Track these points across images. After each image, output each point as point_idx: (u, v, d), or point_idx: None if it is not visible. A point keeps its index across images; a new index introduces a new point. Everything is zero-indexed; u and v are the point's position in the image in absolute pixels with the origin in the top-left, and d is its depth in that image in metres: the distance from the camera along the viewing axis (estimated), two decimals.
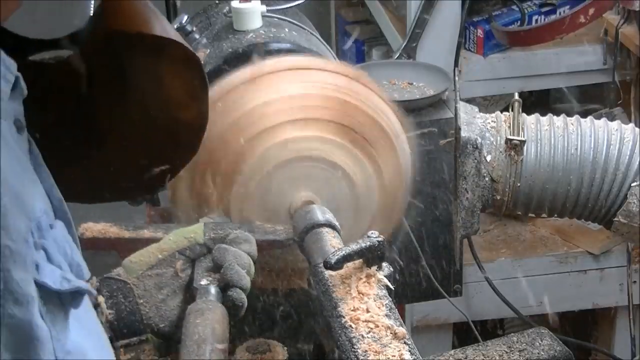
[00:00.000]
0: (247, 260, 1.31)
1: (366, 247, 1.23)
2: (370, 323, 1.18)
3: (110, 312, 1.30)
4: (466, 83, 2.57)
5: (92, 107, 1.03)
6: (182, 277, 1.32)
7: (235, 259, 1.29)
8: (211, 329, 1.19)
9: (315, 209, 1.41)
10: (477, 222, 1.89)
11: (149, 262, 1.33)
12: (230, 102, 1.45)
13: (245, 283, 1.28)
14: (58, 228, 0.84)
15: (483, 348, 1.58)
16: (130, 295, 1.31)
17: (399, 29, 2.73)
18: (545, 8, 2.72)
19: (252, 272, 1.32)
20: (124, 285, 1.31)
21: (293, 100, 1.45)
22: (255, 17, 1.75)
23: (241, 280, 1.27)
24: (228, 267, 1.28)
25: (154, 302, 1.31)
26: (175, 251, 1.34)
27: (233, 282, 1.27)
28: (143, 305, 1.30)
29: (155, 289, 1.32)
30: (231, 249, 1.31)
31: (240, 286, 1.27)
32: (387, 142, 1.50)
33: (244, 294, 1.28)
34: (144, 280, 1.32)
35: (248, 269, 1.30)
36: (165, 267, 1.33)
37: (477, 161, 1.82)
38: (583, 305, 2.66)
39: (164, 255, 1.33)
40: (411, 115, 1.84)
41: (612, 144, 1.80)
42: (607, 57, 2.63)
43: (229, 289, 1.27)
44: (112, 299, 1.30)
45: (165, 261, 1.33)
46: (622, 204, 1.80)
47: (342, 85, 1.48)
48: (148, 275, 1.32)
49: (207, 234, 1.35)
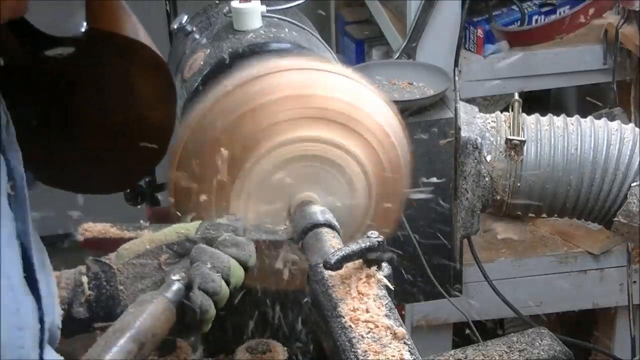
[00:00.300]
0: (227, 264, 1.28)
1: (366, 247, 1.23)
2: (370, 323, 1.18)
3: (90, 293, 1.31)
4: (466, 83, 2.57)
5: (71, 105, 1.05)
6: (165, 271, 1.32)
7: (211, 260, 1.28)
8: (140, 321, 1.17)
9: (316, 209, 1.41)
10: (477, 222, 1.89)
11: (138, 251, 1.34)
12: (228, 104, 1.45)
13: (212, 286, 1.25)
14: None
15: (483, 348, 1.58)
16: (113, 280, 1.31)
17: (399, 29, 2.73)
18: (545, 8, 2.72)
19: (236, 277, 1.29)
20: (109, 269, 1.32)
21: (292, 100, 1.45)
22: (255, 17, 1.75)
23: (205, 283, 1.25)
24: (195, 267, 1.27)
25: (133, 290, 1.31)
26: (163, 244, 1.34)
27: (195, 284, 1.25)
28: (122, 291, 1.31)
29: (136, 278, 1.32)
30: (209, 250, 1.30)
31: (205, 289, 1.25)
32: (387, 142, 1.50)
33: (206, 297, 1.25)
34: (128, 267, 1.32)
35: (225, 272, 1.28)
36: (150, 258, 1.33)
37: (477, 161, 1.82)
38: (583, 305, 2.66)
39: (152, 247, 1.34)
40: (411, 115, 1.85)
41: (612, 144, 1.80)
42: (607, 57, 2.63)
43: (192, 290, 1.25)
44: (96, 280, 1.31)
45: (152, 252, 1.33)
46: (622, 204, 1.80)
47: (340, 85, 1.48)
48: (132, 264, 1.32)
49: (200, 232, 1.35)
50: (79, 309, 1.31)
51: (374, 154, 1.49)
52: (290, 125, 1.44)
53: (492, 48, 2.62)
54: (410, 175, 1.57)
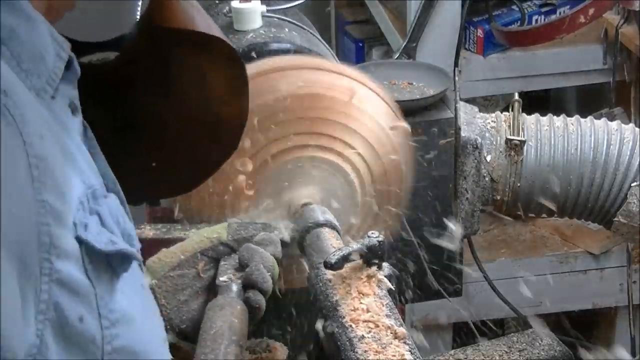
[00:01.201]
0: (272, 263, 1.31)
1: (366, 247, 1.23)
2: (371, 323, 1.18)
3: None
4: (466, 83, 2.57)
5: (134, 105, 1.04)
6: (204, 278, 1.32)
7: (261, 260, 1.30)
8: (229, 324, 1.18)
9: (316, 209, 1.41)
10: (477, 222, 1.89)
11: (171, 263, 1.33)
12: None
13: (267, 286, 1.28)
14: (112, 199, 0.85)
15: (483, 348, 1.58)
16: (153, 297, 1.30)
17: (399, 29, 2.73)
18: (545, 8, 2.72)
19: (276, 275, 1.32)
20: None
21: (292, 100, 1.45)
22: (255, 17, 1.76)
23: (264, 283, 1.27)
24: (254, 267, 1.28)
25: (175, 303, 1.31)
26: (197, 252, 1.34)
27: (256, 283, 1.27)
28: (164, 306, 1.30)
29: (177, 290, 1.32)
30: (259, 250, 1.31)
31: (262, 288, 1.27)
32: (387, 141, 1.50)
33: (263, 296, 1.27)
34: (165, 281, 1.32)
35: (272, 271, 1.30)
36: (187, 267, 1.33)
37: (477, 161, 1.82)
38: (583, 305, 2.66)
39: (186, 256, 1.33)
40: (411, 115, 1.84)
41: (612, 144, 1.80)
42: (607, 57, 2.63)
43: (248, 290, 1.27)
44: None
45: (187, 262, 1.33)
46: (622, 204, 1.80)
47: (340, 84, 1.48)
48: (170, 276, 1.32)
49: (231, 234, 1.35)
50: None
51: (374, 154, 1.49)
52: (290, 125, 1.44)
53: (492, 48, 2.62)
54: (410, 175, 1.57)
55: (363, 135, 1.47)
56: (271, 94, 1.44)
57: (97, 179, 0.85)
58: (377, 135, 1.49)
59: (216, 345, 1.15)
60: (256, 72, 1.47)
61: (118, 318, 0.81)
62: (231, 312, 1.21)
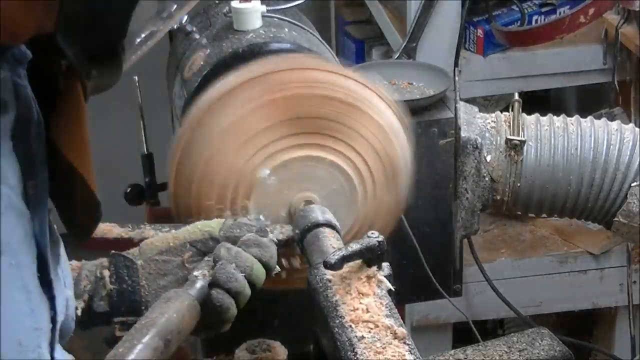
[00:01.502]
0: (250, 264, 1.29)
1: (366, 247, 1.23)
2: (370, 323, 1.18)
3: (112, 287, 1.31)
4: (466, 83, 2.57)
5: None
6: (188, 268, 1.32)
7: (235, 259, 1.28)
8: (166, 318, 1.17)
9: (316, 209, 1.41)
10: (477, 222, 1.89)
11: (160, 247, 1.34)
12: (227, 104, 1.45)
13: (235, 286, 1.26)
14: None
15: (483, 348, 1.58)
16: (135, 275, 1.32)
17: (399, 29, 2.73)
18: (545, 8, 2.72)
19: (258, 278, 1.30)
20: (131, 264, 1.32)
21: (293, 99, 1.45)
22: (255, 17, 1.76)
23: (229, 282, 1.26)
24: (220, 266, 1.27)
25: (155, 286, 1.31)
26: (187, 242, 1.34)
27: (218, 282, 1.26)
28: (144, 287, 1.31)
29: (159, 274, 1.32)
30: (234, 249, 1.30)
31: (227, 288, 1.26)
32: (380, 131, 1.49)
33: (230, 296, 1.26)
34: (150, 263, 1.33)
35: (248, 272, 1.28)
36: (173, 255, 1.33)
37: (477, 161, 1.82)
38: (583, 305, 2.66)
39: (175, 244, 1.34)
40: (411, 115, 1.84)
41: (612, 144, 1.80)
42: (607, 57, 2.63)
43: (213, 288, 1.26)
44: (117, 274, 1.31)
45: (175, 249, 1.34)
46: (622, 204, 1.80)
47: (339, 84, 1.48)
48: (155, 260, 1.33)
49: (223, 231, 1.35)
50: (99, 303, 1.31)
51: (374, 155, 1.49)
52: (291, 125, 1.44)
53: (492, 48, 2.62)
54: (411, 175, 1.57)
55: (364, 136, 1.47)
56: (272, 94, 1.44)
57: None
58: (377, 135, 1.49)
59: (138, 335, 1.13)
60: (257, 72, 1.47)
61: None
62: (175, 306, 1.20)
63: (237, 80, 1.46)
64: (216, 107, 1.45)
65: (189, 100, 1.68)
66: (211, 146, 1.44)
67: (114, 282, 1.31)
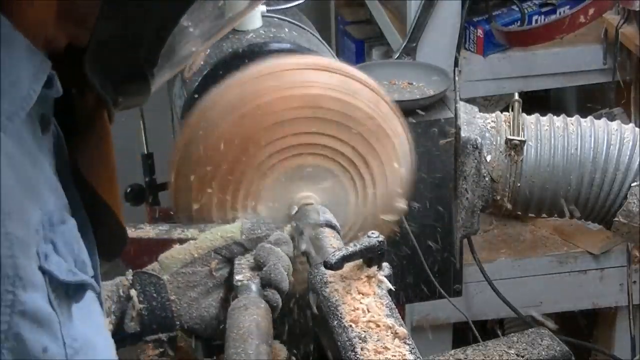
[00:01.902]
0: (288, 262, 1.32)
1: (366, 247, 1.23)
2: (371, 323, 1.18)
3: (141, 307, 1.30)
4: (466, 83, 2.57)
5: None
6: (216, 277, 1.33)
7: (278, 259, 1.30)
8: (256, 324, 1.19)
9: (315, 209, 1.41)
10: (477, 222, 1.89)
11: (184, 260, 1.34)
12: (229, 103, 1.45)
13: (285, 285, 1.29)
14: (69, 225, 0.86)
15: (483, 348, 1.58)
16: (163, 291, 1.31)
17: (399, 29, 2.73)
18: (545, 8, 2.72)
19: (291, 275, 1.32)
20: (157, 281, 1.31)
21: (293, 99, 1.45)
22: (255, 17, 1.76)
23: (282, 282, 1.28)
24: (272, 266, 1.29)
25: (186, 300, 1.31)
26: (211, 250, 1.34)
27: (275, 283, 1.27)
28: (175, 302, 1.31)
29: (188, 286, 1.32)
30: (275, 249, 1.32)
31: (280, 287, 1.28)
32: (387, 140, 1.50)
33: (279, 295, 1.28)
34: (177, 277, 1.32)
35: (288, 270, 1.31)
36: (200, 265, 1.33)
37: (477, 161, 1.82)
38: (583, 305, 2.66)
39: (200, 254, 1.34)
40: (411, 116, 1.84)
41: (612, 144, 1.80)
42: (607, 57, 2.63)
43: (267, 289, 1.27)
44: (145, 293, 1.31)
45: (200, 259, 1.34)
46: (622, 204, 1.79)
47: (339, 84, 1.48)
48: (182, 273, 1.32)
49: (245, 234, 1.36)
50: (130, 324, 1.30)
51: (374, 155, 1.48)
52: (291, 125, 1.44)
53: (492, 48, 2.62)
54: (411, 175, 1.57)
55: (364, 136, 1.47)
56: (272, 94, 1.44)
57: (57, 202, 0.85)
58: (377, 135, 1.49)
59: (247, 345, 1.15)
60: (257, 72, 1.47)
61: (81, 345, 0.82)
62: (256, 312, 1.22)
63: (242, 77, 1.46)
64: (219, 105, 1.45)
65: (189, 100, 1.67)
66: (213, 144, 1.44)
67: (142, 301, 1.30)
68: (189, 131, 1.47)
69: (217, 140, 1.43)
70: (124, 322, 1.31)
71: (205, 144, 1.44)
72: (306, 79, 1.47)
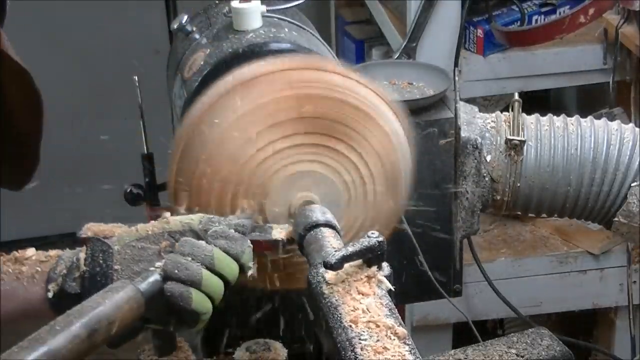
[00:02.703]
0: (209, 254, 1.28)
1: (366, 247, 1.23)
2: (371, 323, 1.18)
3: (85, 269, 1.31)
4: (466, 83, 2.57)
5: None
6: (163, 257, 1.31)
7: (191, 250, 1.28)
8: (99, 307, 1.17)
9: (315, 209, 1.41)
10: (477, 222, 1.89)
11: (138, 235, 1.34)
12: (228, 103, 1.45)
13: (187, 274, 1.25)
14: None
15: (483, 348, 1.58)
16: (110, 259, 1.31)
17: (399, 29, 2.73)
18: (545, 8, 2.72)
19: (227, 270, 1.29)
20: (107, 249, 1.32)
21: (293, 100, 1.45)
22: (255, 17, 1.75)
23: (177, 271, 1.25)
24: (170, 256, 1.27)
25: (129, 272, 1.31)
26: (166, 231, 1.34)
27: (166, 272, 1.25)
28: (118, 271, 1.31)
29: (134, 260, 1.32)
30: (193, 242, 1.30)
31: (177, 277, 1.25)
32: (386, 139, 1.50)
33: (182, 285, 1.25)
34: (126, 249, 1.32)
35: (208, 261, 1.27)
36: (151, 243, 1.33)
37: (477, 161, 1.82)
38: (583, 305, 2.67)
39: (154, 231, 1.34)
40: (411, 115, 1.84)
41: (612, 144, 1.80)
42: (607, 57, 2.64)
43: (166, 282, 1.26)
44: (93, 257, 1.31)
45: (152, 237, 1.33)
46: (622, 204, 1.80)
47: (339, 84, 1.48)
48: (132, 246, 1.32)
49: (202, 224, 1.35)
50: (71, 284, 1.31)
51: (374, 155, 1.49)
52: (291, 125, 1.44)
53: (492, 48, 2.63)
54: (411, 176, 1.57)
55: (364, 136, 1.47)
56: (271, 94, 1.44)
57: None
58: (377, 135, 1.49)
59: (63, 322, 1.14)
60: (257, 72, 1.47)
61: None
62: (115, 297, 1.20)
63: (242, 77, 1.46)
64: (219, 105, 1.45)
65: (189, 100, 1.67)
66: (212, 144, 1.44)
67: (88, 265, 1.31)
68: (188, 131, 1.47)
69: (216, 140, 1.43)
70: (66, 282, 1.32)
71: (204, 145, 1.44)
72: (306, 79, 1.47)
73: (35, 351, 1.09)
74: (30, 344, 1.10)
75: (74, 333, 1.13)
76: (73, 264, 1.32)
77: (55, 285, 1.31)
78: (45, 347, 1.10)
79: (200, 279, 1.26)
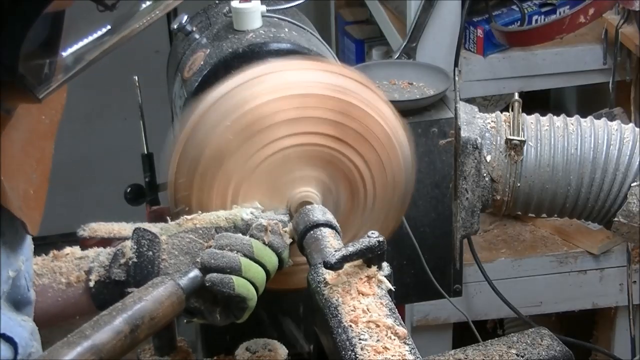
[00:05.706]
0: (247, 242, 1.30)
1: (366, 247, 1.23)
2: (371, 323, 1.18)
3: (131, 256, 1.32)
4: (466, 83, 2.57)
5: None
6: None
7: (229, 244, 1.30)
8: (141, 303, 1.18)
9: (315, 209, 1.41)
10: (477, 222, 1.89)
11: (186, 227, 1.36)
12: (228, 103, 1.45)
13: (225, 262, 1.26)
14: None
15: (483, 348, 1.58)
16: (157, 247, 1.33)
17: (399, 29, 2.74)
18: (545, 8, 2.72)
19: (267, 259, 1.31)
20: (154, 238, 1.33)
21: (292, 100, 1.45)
22: (255, 17, 1.76)
23: (213, 260, 1.26)
24: (207, 250, 1.29)
25: (176, 261, 1.32)
26: (213, 226, 1.35)
27: (205, 265, 1.27)
28: (165, 260, 1.32)
29: (182, 250, 1.33)
30: (229, 235, 1.32)
31: (215, 266, 1.26)
32: (386, 139, 1.50)
33: (220, 274, 1.26)
34: (174, 239, 1.34)
35: (247, 249, 1.29)
36: (199, 237, 1.34)
37: (477, 161, 1.82)
38: (583, 305, 2.66)
39: (202, 225, 1.35)
40: (411, 115, 1.85)
41: (612, 144, 1.80)
42: (607, 57, 2.64)
43: (207, 273, 1.27)
44: (138, 246, 1.33)
45: (202, 231, 1.35)
46: (622, 204, 1.79)
47: (339, 84, 1.48)
48: (181, 236, 1.34)
49: (246, 219, 1.37)
50: (116, 270, 1.32)
51: (374, 155, 1.49)
52: (290, 125, 1.44)
53: (492, 48, 2.63)
54: (411, 176, 1.57)
55: (364, 136, 1.47)
56: (270, 94, 1.44)
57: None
58: (377, 135, 1.49)
59: (107, 317, 1.14)
60: (256, 73, 1.47)
61: None
62: (156, 292, 1.21)
63: (240, 79, 1.46)
64: (219, 105, 1.45)
65: (189, 100, 1.68)
66: (212, 143, 1.44)
67: (134, 253, 1.32)
68: (187, 131, 1.47)
69: (215, 140, 1.43)
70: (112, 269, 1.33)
71: (204, 145, 1.44)
72: (305, 79, 1.47)
73: (80, 346, 1.09)
74: (74, 339, 1.10)
75: (117, 329, 1.14)
76: (118, 252, 1.34)
77: (97, 276, 1.32)
78: (90, 342, 1.10)
79: (238, 265, 1.28)
